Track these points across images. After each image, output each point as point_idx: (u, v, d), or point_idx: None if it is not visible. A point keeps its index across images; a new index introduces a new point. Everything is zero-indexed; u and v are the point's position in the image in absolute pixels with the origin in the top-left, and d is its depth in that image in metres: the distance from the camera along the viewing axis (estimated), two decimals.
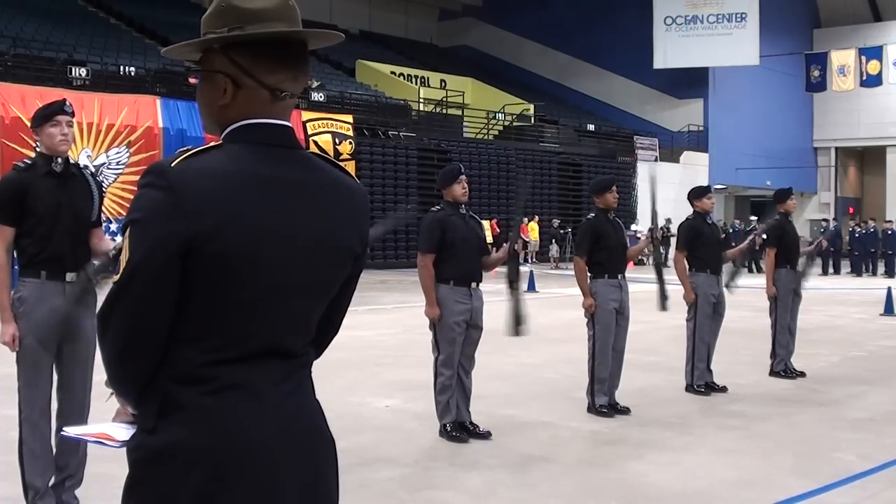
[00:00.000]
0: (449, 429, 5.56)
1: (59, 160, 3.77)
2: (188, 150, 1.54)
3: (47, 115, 3.77)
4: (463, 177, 5.61)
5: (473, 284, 5.58)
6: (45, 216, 3.65)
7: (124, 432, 1.60)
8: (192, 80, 1.64)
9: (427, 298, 5.52)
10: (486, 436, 5.58)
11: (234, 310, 1.53)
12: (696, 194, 7.46)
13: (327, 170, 1.66)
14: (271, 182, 1.56)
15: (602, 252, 6.40)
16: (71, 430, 1.80)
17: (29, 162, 3.82)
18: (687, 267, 7.23)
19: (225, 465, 1.51)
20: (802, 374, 8.01)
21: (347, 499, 1.78)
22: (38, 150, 3.87)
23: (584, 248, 6.42)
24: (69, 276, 3.74)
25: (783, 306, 7.98)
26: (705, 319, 7.22)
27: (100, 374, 1.72)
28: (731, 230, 27.18)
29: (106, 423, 1.68)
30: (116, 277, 1.51)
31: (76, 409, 3.85)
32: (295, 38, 1.61)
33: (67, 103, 3.83)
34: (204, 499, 1.50)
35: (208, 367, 1.52)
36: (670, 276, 6.67)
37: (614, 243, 6.44)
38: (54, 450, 3.88)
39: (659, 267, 6.64)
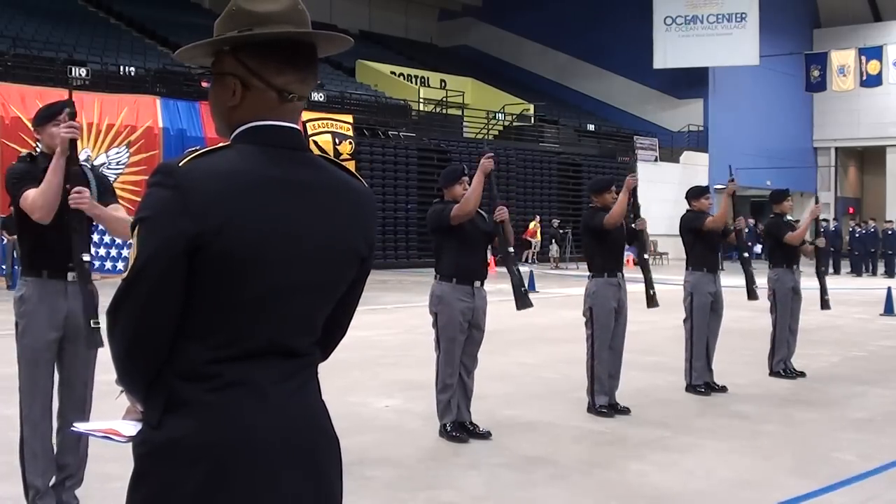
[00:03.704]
0: (449, 429, 5.56)
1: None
2: (197, 151, 1.57)
3: (51, 114, 3.77)
4: (465, 178, 5.59)
5: (477, 283, 5.57)
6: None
7: (131, 428, 1.62)
8: (204, 84, 1.66)
9: (477, 185, 5.39)
10: (486, 436, 5.58)
11: (238, 308, 1.55)
12: (694, 194, 7.46)
13: (334, 172, 1.68)
14: (278, 183, 1.57)
15: (601, 251, 6.40)
16: (80, 426, 1.82)
17: (34, 154, 3.82)
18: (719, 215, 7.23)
19: (226, 462, 1.52)
20: (802, 374, 8.01)
21: (348, 499, 1.79)
22: (37, 151, 3.87)
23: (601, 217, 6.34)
24: (70, 276, 3.73)
25: (783, 305, 7.99)
26: (702, 319, 7.23)
27: (109, 373, 1.73)
28: (745, 230, 27.18)
29: (114, 420, 1.69)
30: (125, 274, 1.54)
31: (77, 409, 3.84)
32: (303, 41, 1.63)
33: (70, 103, 3.82)
34: (206, 494, 1.51)
35: (212, 365, 1.54)
36: (659, 274, 6.67)
37: (614, 242, 6.44)
38: (55, 449, 3.88)
39: (645, 264, 6.64)
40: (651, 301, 6.56)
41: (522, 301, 5.62)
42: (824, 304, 8.36)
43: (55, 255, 3.69)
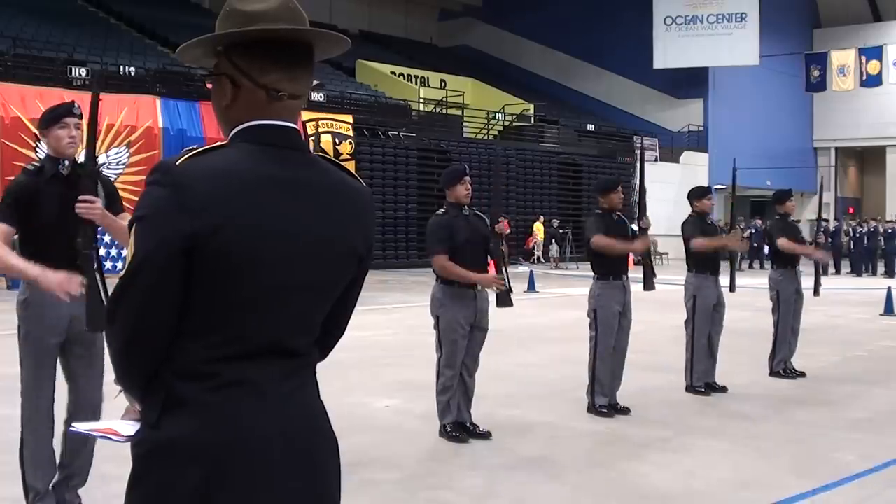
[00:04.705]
0: (449, 429, 5.56)
1: (66, 163, 3.72)
2: (194, 149, 1.57)
3: (56, 116, 3.73)
4: (467, 178, 5.59)
5: (478, 286, 5.57)
6: (50, 220, 3.60)
7: (130, 428, 1.62)
8: (208, 85, 1.67)
9: (471, 279, 5.43)
10: (486, 436, 5.58)
11: (235, 307, 1.55)
12: (697, 195, 7.43)
13: (332, 171, 1.68)
14: (275, 182, 1.58)
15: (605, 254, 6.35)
16: (79, 426, 1.82)
17: (38, 164, 3.77)
18: (708, 243, 7.17)
19: (225, 461, 1.52)
20: (802, 374, 8.01)
21: (347, 499, 1.79)
22: (38, 151, 3.85)
23: (601, 230, 6.29)
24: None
25: (786, 306, 7.99)
26: (704, 321, 7.22)
27: (109, 373, 1.73)
28: (752, 230, 27.19)
29: (113, 420, 1.70)
30: (123, 273, 1.54)
31: (88, 410, 3.80)
32: (296, 40, 1.63)
33: (76, 105, 3.78)
34: (203, 494, 1.51)
35: (210, 364, 1.54)
36: (660, 274, 6.68)
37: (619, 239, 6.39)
38: (59, 449, 3.87)
39: (647, 256, 6.64)
40: (649, 284, 6.60)
41: (504, 300, 5.73)
42: (816, 291, 8.44)
43: (58, 258, 3.65)
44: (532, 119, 31.48)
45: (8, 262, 3.57)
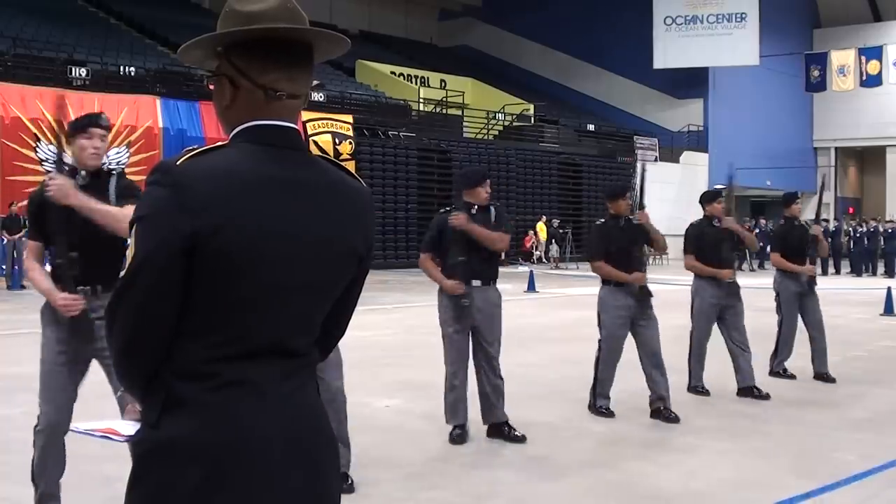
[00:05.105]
0: (449, 429, 5.56)
1: (83, 173, 3.66)
2: (194, 149, 1.57)
3: (81, 125, 3.67)
4: (488, 181, 5.64)
5: (476, 283, 5.52)
6: (61, 231, 3.57)
7: (130, 428, 1.62)
8: (210, 86, 1.68)
9: (436, 280, 5.55)
10: (521, 440, 5.54)
11: (236, 307, 1.55)
12: (708, 198, 7.41)
13: (332, 171, 1.68)
14: (276, 182, 1.58)
15: (609, 258, 6.34)
16: (79, 426, 1.82)
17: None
18: (699, 266, 7.20)
19: (225, 461, 1.52)
20: (793, 376, 7.96)
21: (347, 499, 1.79)
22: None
23: (601, 252, 6.34)
24: (81, 289, 3.69)
25: (787, 307, 8.00)
26: (704, 323, 7.23)
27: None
28: (758, 230, 27.20)
29: (113, 420, 1.70)
30: (124, 273, 1.54)
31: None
32: (295, 39, 1.63)
33: (104, 116, 3.71)
34: (203, 494, 1.51)
35: (210, 364, 1.54)
36: (660, 274, 6.66)
37: (622, 249, 6.37)
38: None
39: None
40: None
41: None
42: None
43: (71, 270, 3.62)
44: (532, 119, 31.48)
45: (34, 281, 3.67)
